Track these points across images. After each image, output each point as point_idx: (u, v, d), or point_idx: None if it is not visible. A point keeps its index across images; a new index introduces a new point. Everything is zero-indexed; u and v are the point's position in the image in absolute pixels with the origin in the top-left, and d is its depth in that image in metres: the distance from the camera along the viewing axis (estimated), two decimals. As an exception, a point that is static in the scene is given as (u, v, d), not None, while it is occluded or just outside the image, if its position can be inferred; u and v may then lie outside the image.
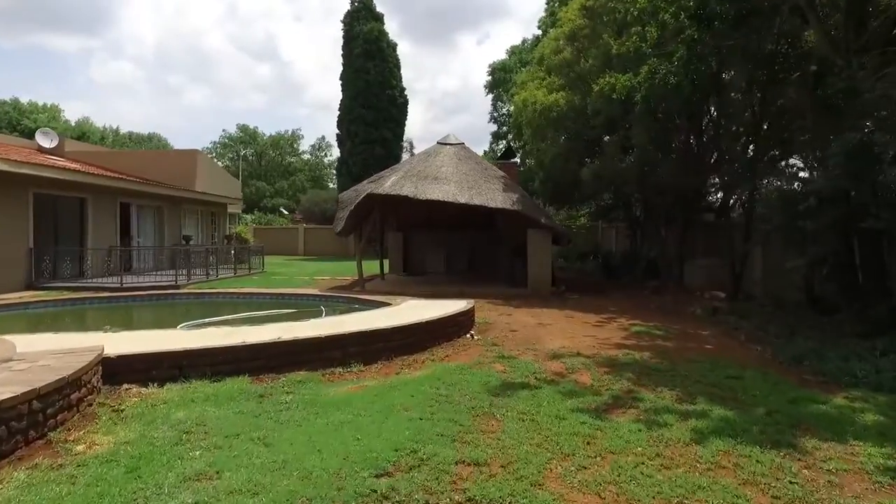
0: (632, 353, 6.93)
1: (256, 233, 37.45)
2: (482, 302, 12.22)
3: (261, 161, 69.34)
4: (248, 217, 41.50)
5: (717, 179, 14.77)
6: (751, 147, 12.42)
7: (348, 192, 15.08)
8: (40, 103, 63.00)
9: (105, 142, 62.91)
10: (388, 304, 10.35)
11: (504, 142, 30.16)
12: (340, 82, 35.04)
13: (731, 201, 14.60)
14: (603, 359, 6.62)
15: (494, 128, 34.62)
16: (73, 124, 64.15)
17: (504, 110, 32.29)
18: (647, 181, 13.13)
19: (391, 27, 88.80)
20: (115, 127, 70.30)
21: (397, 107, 33.41)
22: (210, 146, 70.42)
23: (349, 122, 33.18)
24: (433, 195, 13.56)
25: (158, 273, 16.50)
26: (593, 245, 26.26)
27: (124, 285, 14.26)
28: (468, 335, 7.98)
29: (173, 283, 14.97)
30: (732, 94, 11.62)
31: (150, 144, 68.17)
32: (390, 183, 13.96)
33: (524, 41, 31.40)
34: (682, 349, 7.40)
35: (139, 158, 26.28)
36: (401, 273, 19.87)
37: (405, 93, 34.41)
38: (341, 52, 35.11)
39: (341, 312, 10.68)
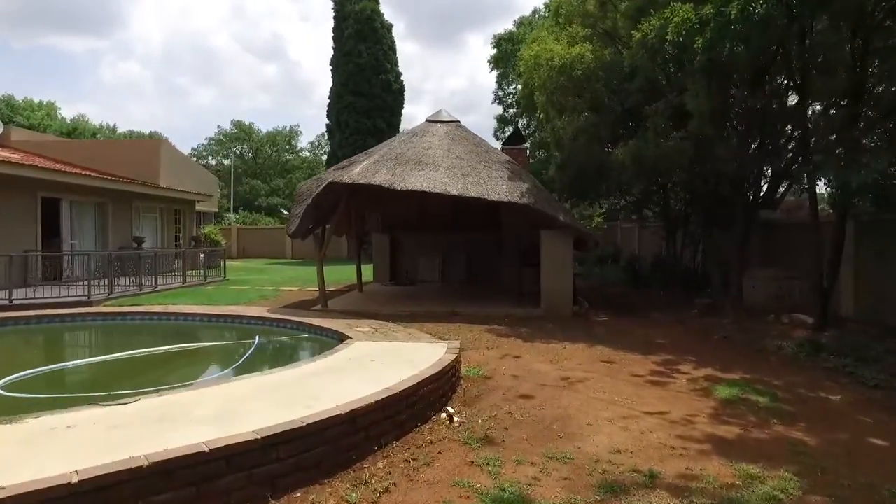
0: (757, 473, 3.51)
1: (240, 234, 34.29)
2: (480, 330, 8.85)
3: (256, 159, 66.22)
4: (232, 217, 38.30)
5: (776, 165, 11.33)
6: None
7: (309, 182, 11.77)
8: (36, 100, 60.54)
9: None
10: (343, 339, 7.04)
11: (510, 128, 26.62)
12: (330, 68, 31.77)
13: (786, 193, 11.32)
14: (711, 495, 3.21)
15: (499, 110, 30.87)
16: (68, 121, 61.57)
17: (511, 89, 28.62)
18: (702, 166, 9.70)
19: (398, 28, 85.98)
20: (112, 125, 67.39)
21: (392, 94, 30.07)
22: (205, 143, 67.58)
23: (339, 110, 29.89)
24: (415, 184, 10.20)
25: (81, 284, 13.20)
26: (612, 248, 22.83)
27: (14, 301, 10.97)
28: (444, 414, 4.59)
29: (86, 297, 11.69)
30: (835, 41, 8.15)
31: (147, 143, 65.25)
32: (360, 169, 10.62)
33: (534, 11, 27.87)
34: (838, 451, 3.98)
35: (95, 149, 23.14)
36: (387, 282, 16.56)
37: (401, 78, 31.06)
38: (332, 35, 31.87)
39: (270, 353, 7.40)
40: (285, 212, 50.13)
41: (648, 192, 13.57)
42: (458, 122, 12.97)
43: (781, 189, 11.66)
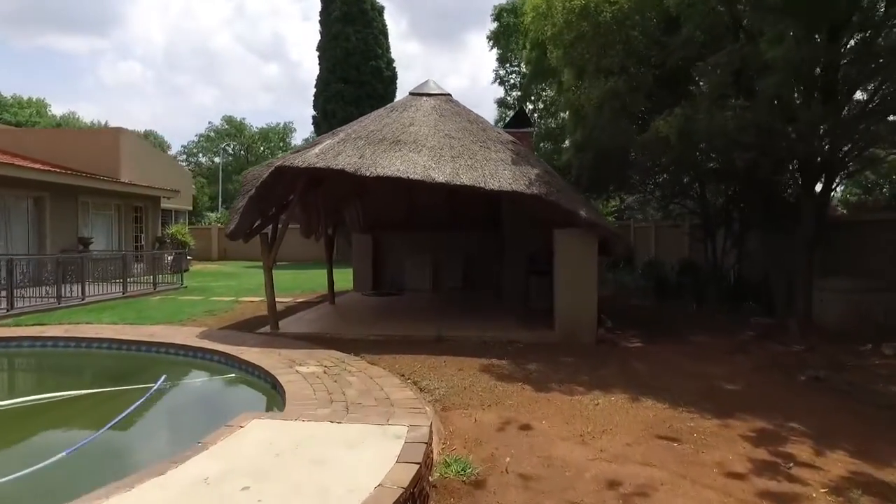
0: None
1: (221, 234, 31.78)
2: (473, 367, 6.37)
3: (248, 156, 63.73)
4: (213, 216, 35.82)
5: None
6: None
7: (257, 169, 9.28)
8: (24, 97, 58.16)
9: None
10: (275, 384, 4.59)
11: (511, 112, 23.97)
12: (317, 54, 29.29)
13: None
14: None
15: (500, 92, 28.14)
16: (58, 118, 59.19)
17: (513, 68, 25.83)
18: (774, 142, 7.19)
19: (400, 27, 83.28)
20: (103, 122, 64.85)
21: (383, 81, 27.55)
22: (195, 140, 65.12)
23: (325, 99, 27.40)
24: (389, 169, 7.71)
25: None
26: (626, 251, 20.26)
27: None
28: None
29: (-28, 316, 9.22)
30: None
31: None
32: (318, 150, 8.14)
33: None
34: None
35: (45, 138, 20.57)
36: (368, 291, 14.09)
37: (393, 65, 28.55)
38: (319, 18, 29.38)
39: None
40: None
41: (679, 182, 11.05)
42: (450, 95, 10.48)
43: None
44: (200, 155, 64.69)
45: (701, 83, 7.00)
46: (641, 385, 5.83)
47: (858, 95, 8.43)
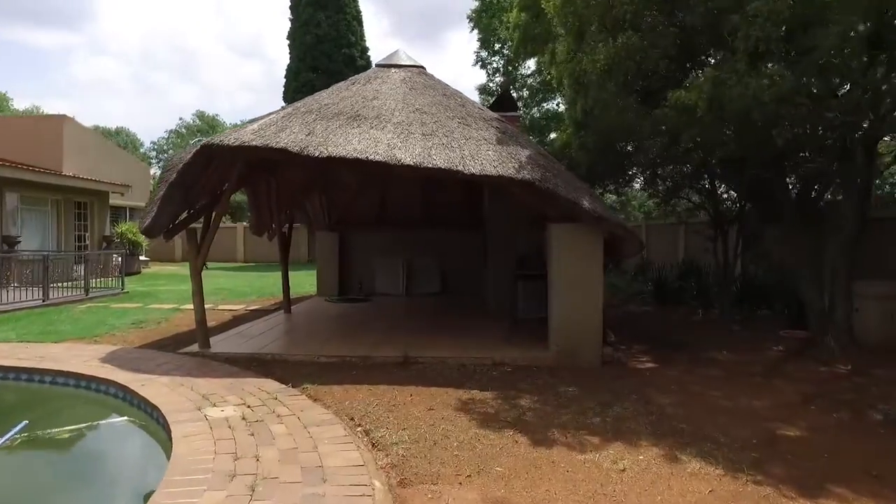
0: None
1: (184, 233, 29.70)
2: (448, 404, 4.79)
3: (220, 153, 61.33)
4: (176, 214, 33.60)
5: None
6: None
7: (186, 151, 7.57)
8: (-13, 91, 55.07)
9: None
10: (170, 435, 2.95)
11: (493, 99, 22.42)
12: (287, 42, 27.46)
13: None
14: None
15: (482, 78, 26.74)
16: (20, 113, 56.13)
17: (497, 49, 24.09)
18: (819, 115, 5.76)
19: (382, 26, 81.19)
20: (70, 117, 61.55)
21: (356, 70, 25.64)
22: (165, 136, 62.53)
23: (295, 90, 25.52)
24: (345, 148, 6.09)
25: None
26: (637, 251, 18.84)
27: None
28: None
29: None
30: None
31: (117, 139, 59.11)
32: (258, 125, 6.48)
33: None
34: None
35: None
36: (332, 296, 12.45)
37: (367, 54, 26.86)
38: (289, 4, 27.57)
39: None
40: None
41: (690, 172, 9.61)
42: (423, 68, 8.91)
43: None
44: (171, 152, 62.16)
45: (735, 42, 5.53)
46: (674, 431, 4.32)
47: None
